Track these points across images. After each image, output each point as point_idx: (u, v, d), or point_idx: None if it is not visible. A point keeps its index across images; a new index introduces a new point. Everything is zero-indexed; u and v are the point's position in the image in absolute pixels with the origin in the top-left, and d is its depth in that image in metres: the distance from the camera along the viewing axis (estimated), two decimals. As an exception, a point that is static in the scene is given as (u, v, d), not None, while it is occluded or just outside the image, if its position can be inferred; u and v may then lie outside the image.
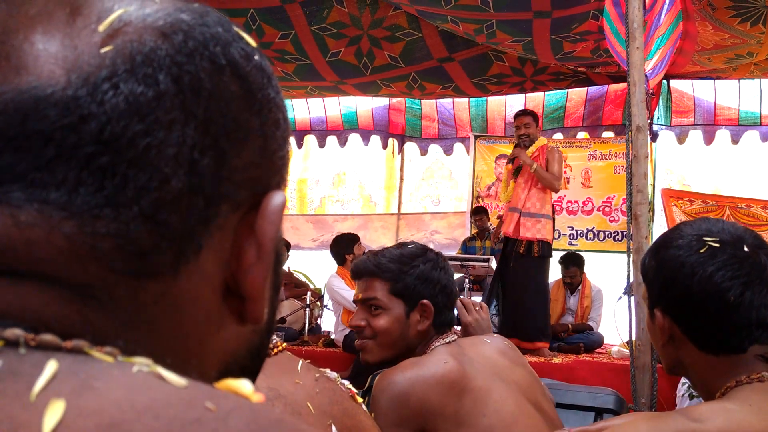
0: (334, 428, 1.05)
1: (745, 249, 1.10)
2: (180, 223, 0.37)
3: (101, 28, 0.36)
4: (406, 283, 1.66)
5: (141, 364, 0.32)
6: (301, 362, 1.12)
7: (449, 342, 1.65)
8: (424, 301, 1.66)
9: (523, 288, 5.14)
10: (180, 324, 0.38)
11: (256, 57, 0.42)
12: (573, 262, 6.11)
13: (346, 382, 1.20)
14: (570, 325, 5.99)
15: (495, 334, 1.86)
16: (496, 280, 5.46)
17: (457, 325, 1.99)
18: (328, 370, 1.19)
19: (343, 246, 5.52)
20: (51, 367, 0.30)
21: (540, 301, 5.23)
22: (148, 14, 0.38)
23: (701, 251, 1.10)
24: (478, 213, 7.06)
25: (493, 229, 6.57)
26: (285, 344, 1.15)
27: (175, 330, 0.38)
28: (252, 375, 0.47)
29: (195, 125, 0.37)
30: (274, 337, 1.14)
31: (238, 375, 0.43)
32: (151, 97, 0.36)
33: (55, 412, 0.28)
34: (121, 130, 0.35)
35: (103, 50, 0.36)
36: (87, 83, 0.35)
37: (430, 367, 1.53)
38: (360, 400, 1.18)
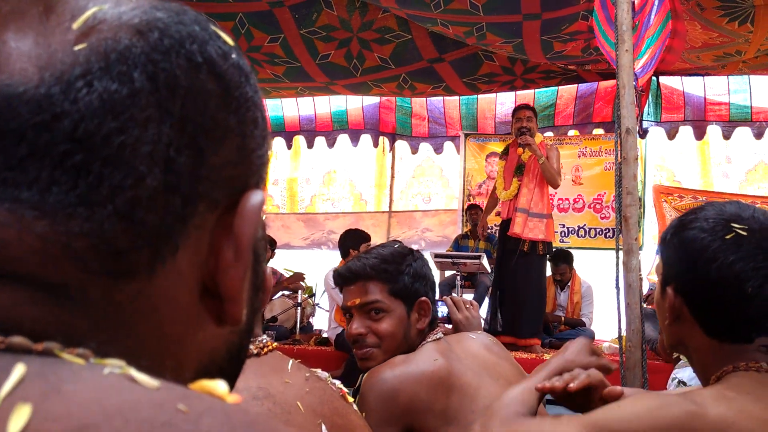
0: (324, 428, 1.05)
1: None
2: (156, 222, 0.36)
3: (75, 26, 0.36)
4: (404, 282, 1.64)
5: (113, 365, 0.32)
6: (291, 362, 1.13)
7: (437, 339, 1.66)
8: (423, 298, 1.65)
9: (524, 286, 5.16)
10: (156, 325, 0.38)
11: (234, 55, 0.42)
12: (562, 260, 6.14)
13: (337, 382, 1.20)
14: (562, 317, 6.04)
15: (480, 331, 1.87)
16: (495, 279, 5.49)
17: (448, 323, 2.01)
18: (318, 370, 1.20)
19: (351, 240, 5.50)
20: (19, 370, 0.29)
21: (539, 299, 5.28)
22: (123, 12, 0.38)
23: (726, 237, 1.08)
24: (474, 208, 7.07)
25: (493, 227, 6.60)
26: (276, 344, 1.16)
27: (151, 331, 0.38)
28: (231, 376, 0.46)
29: (171, 123, 0.37)
30: (264, 336, 1.16)
31: (216, 376, 0.42)
32: (126, 94, 0.35)
33: (20, 417, 0.27)
34: (95, 127, 0.34)
35: (77, 48, 0.35)
36: (60, 81, 0.34)
37: (419, 364, 1.53)
38: (351, 399, 1.19)
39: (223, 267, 0.40)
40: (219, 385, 0.35)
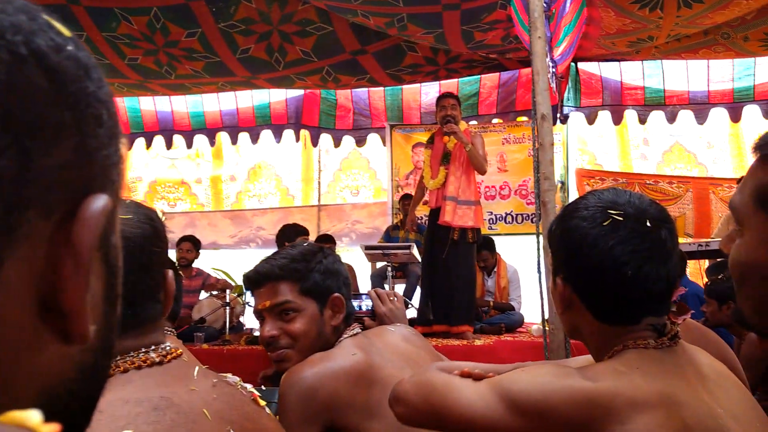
0: (233, 434, 1.03)
1: (648, 223, 1.11)
2: None
3: None
4: (315, 279, 1.62)
5: None
6: (197, 368, 1.09)
7: (355, 334, 1.65)
8: (335, 295, 1.64)
9: (455, 274, 5.20)
10: None
11: (70, 47, 0.39)
12: (483, 246, 6.23)
13: (249, 386, 1.18)
14: (491, 302, 6.12)
15: (400, 324, 1.87)
16: (425, 269, 5.51)
17: (372, 316, 2.00)
18: (229, 375, 1.17)
19: (288, 235, 5.43)
20: None
21: (469, 286, 5.33)
22: None
23: (604, 224, 1.11)
24: (408, 198, 7.07)
25: (423, 218, 6.64)
26: (180, 350, 1.12)
27: None
28: (87, 399, 0.43)
29: None
30: (168, 343, 1.11)
31: (67, 399, 0.40)
32: None
33: None
34: None
35: None
36: None
37: (338, 360, 1.53)
38: (263, 403, 1.16)
39: (62, 280, 0.37)
40: (31, 416, 0.32)
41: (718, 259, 5.14)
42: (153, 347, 1.07)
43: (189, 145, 7.76)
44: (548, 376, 1.07)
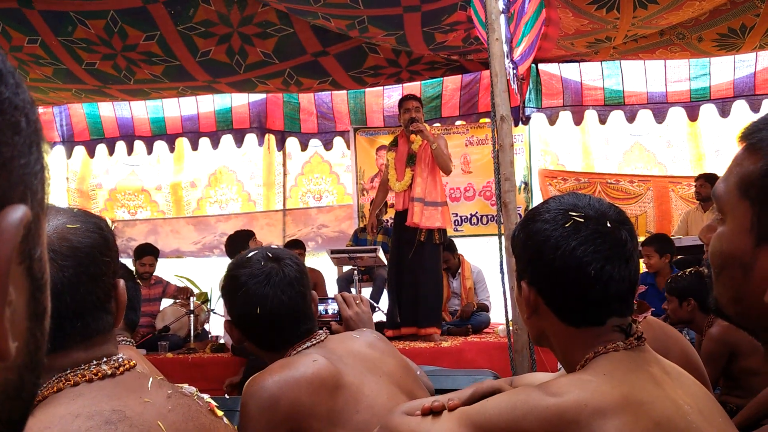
0: (189, 445, 1.00)
1: (608, 224, 1.13)
2: None
3: None
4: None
5: None
6: (151, 380, 1.07)
7: (316, 343, 1.63)
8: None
9: (422, 276, 5.20)
10: None
11: None
12: (445, 248, 6.27)
13: (206, 396, 1.15)
14: (460, 311, 6.12)
15: (365, 329, 1.85)
16: (392, 272, 5.49)
17: (339, 320, 1.98)
18: (185, 385, 1.14)
19: (238, 243, 5.40)
20: None
21: (436, 287, 5.32)
22: None
23: (566, 225, 1.13)
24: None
25: (388, 221, 6.63)
26: (134, 362, 1.09)
27: None
28: (13, 419, 0.41)
29: None
30: (120, 355, 1.08)
31: None
32: None
33: None
34: None
35: None
36: None
37: (299, 367, 1.51)
38: (220, 413, 1.14)
39: None
40: None
41: (679, 257, 5.23)
42: (105, 359, 1.05)
43: (149, 152, 7.65)
44: (513, 400, 1.08)
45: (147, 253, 6.00)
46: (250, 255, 1.65)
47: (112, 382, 1.02)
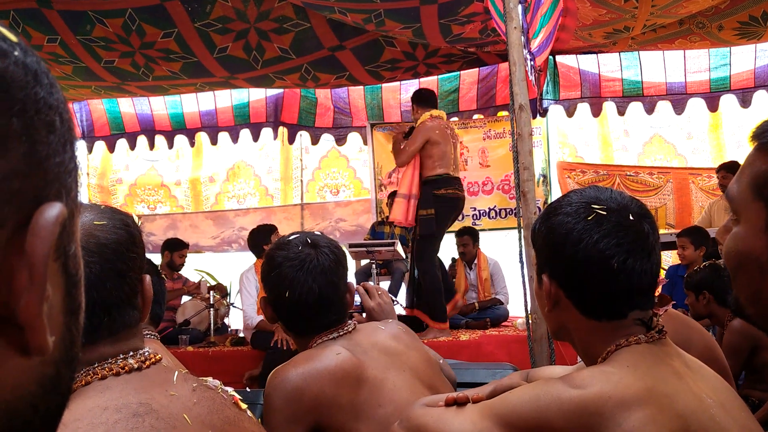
0: (214, 438, 1.02)
1: (630, 217, 1.13)
2: None
3: None
4: None
5: None
6: (176, 373, 1.08)
7: (343, 334, 1.64)
8: None
9: (419, 270, 5.18)
10: None
11: (17, 53, 0.38)
12: (466, 231, 6.31)
13: (230, 389, 1.16)
14: (476, 304, 6.12)
15: (390, 320, 1.86)
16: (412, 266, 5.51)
17: (361, 311, 1.99)
18: (209, 379, 1.16)
19: (261, 236, 5.43)
20: None
21: (431, 282, 5.14)
22: None
23: (588, 218, 1.13)
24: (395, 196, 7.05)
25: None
26: (160, 355, 1.11)
27: None
28: (51, 412, 0.42)
29: None
30: (147, 349, 1.10)
31: (29, 414, 0.39)
32: None
33: None
34: None
35: None
36: None
37: (323, 360, 1.52)
38: (244, 406, 1.15)
39: (17, 291, 0.36)
40: None
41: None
42: (131, 353, 1.06)
43: (170, 146, 7.69)
44: (536, 392, 1.08)
45: (184, 245, 6.11)
46: (290, 238, 1.67)
47: (139, 376, 1.04)
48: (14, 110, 0.36)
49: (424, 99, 5.41)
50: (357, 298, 2.01)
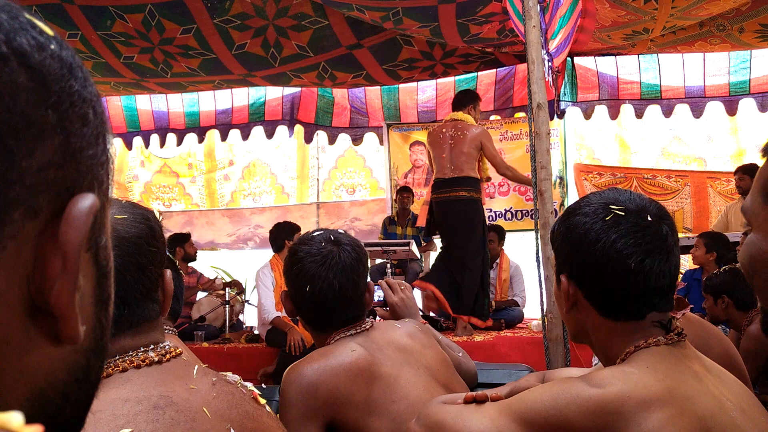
0: (233, 432, 1.02)
1: (649, 218, 1.13)
2: None
3: None
4: None
5: None
6: (197, 367, 1.09)
7: (361, 331, 1.65)
8: None
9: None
10: None
11: (53, 46, 0.38)
12: (492, 228, 6.31)
13: (249, 384, 1.17)
14: (493, 302, 6.10)
15: (407, 319, 1.86)
16: None
17: (384, 306, 2.00)
18: (229, 374, 1.16)
19: (284, 233, 5.44)
20: None
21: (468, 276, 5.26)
22: None
23: (606, 219, 1.14)
24: (406, 191, 7.04)
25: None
26: (180, 349, 1.11)
27: None
28: (79, 400, 0.42)
29: None
30: (167, 342, 1.11)
31: (60, 402, 0.39)
32: None
33: None
34: None
35: None
36: None
37: (337, 356, 1.54)
38: (263, 401, 1.16)
39: (50, 280, 0.37)
40: (13, 418, 0.31)
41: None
42: (152, 346, 1.07)
43: (179, 143, 7.70)
44: (555, 390, 1.08)
45: (187, 236, 6.15)
46: (314, 234, 1.70)
47: (159, 369, 1.05)
48: (50, 102, 0.37)
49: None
50: (378, 295, 2.03)
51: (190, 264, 6.18)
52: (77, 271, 0.37)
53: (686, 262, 6.73)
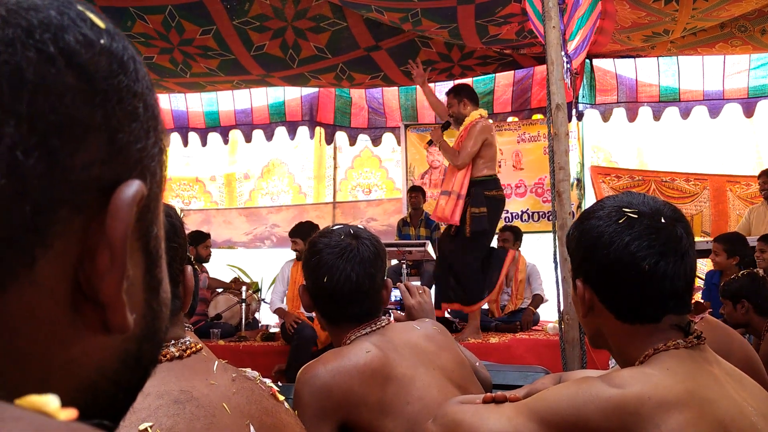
0: (252, 428, 1.03)
1: (662, 220, 1.13)
2: (1, 234, 0.33)
3: None
4: None
5: None
6: (216, 363, 1.10)
7: (377, 329, 1.65)
8: None
9: (453, 260, 5.12)
10: (12, 345, 0.34)
11: (103, 41, 0.38)
12: (507, 228, 6.29)
13: (268, 381, 1.18)
14: (509, 304, 6.10)
15: (427, 320, 1.86)
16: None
17: (401, 308, 2.00)
18: (248, 370, 1.17)
19: (305, 232, 5.43)
20: None
21: (471, 273, 5.10)
22: None
23: (620, 221, 1.13)
24: (416, 191, 7.03)
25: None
26: (200, 345, 1.13)
27: (7, 352, 0.34)
28: (131, 389, 0.43)
29: (16, 122, 0.33)
30: (188, 338, 1.12)
31: (112, 389, 0.40)
32: None
33: None
34: None
35: None
36: None
37: (351, 357, 1.53)
38: (281, 398, 1.17)
39: (98, 271, 0.37)
40: (49, 400, 0.32)
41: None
42: (173, 342, 1.08)
43: (203, 143, 7.77)
44: (574, 390, 1.08)
45: (206, 236, 6.14)
46: (334, 228, 1.70)
47: (180, 364, 1.06)
48: (96, 101, 0.37)
49: (473, 95, 5.33)
50: (395, 295, 2.02)
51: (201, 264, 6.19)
52: (125, 261, 0.38)
53: (704, 267, 6.67)
